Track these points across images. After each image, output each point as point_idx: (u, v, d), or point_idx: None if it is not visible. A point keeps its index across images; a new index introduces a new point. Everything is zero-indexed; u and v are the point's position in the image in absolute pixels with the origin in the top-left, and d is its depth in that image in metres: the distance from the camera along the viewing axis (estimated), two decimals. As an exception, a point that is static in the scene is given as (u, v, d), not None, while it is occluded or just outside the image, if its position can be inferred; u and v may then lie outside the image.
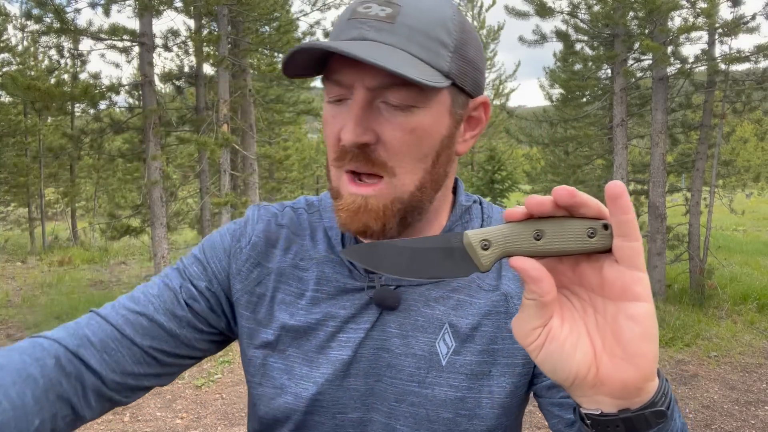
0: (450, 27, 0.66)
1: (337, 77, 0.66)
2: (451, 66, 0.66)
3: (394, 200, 0.67)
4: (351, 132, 0.64)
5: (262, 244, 0.79)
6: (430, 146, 0.67)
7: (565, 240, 0.45)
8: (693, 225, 7.76)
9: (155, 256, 6.81)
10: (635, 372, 0.45)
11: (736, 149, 12.56)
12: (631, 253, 0.44)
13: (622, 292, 0.45)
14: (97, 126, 8.59)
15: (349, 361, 0.73)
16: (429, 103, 0.66)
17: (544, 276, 0.45)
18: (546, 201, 0.45)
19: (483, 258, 0.47)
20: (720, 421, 4.34)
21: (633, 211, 0.43)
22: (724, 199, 10.84)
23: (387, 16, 0.64)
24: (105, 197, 17.34)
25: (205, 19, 8.36)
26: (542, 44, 8.67)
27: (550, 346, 0.47)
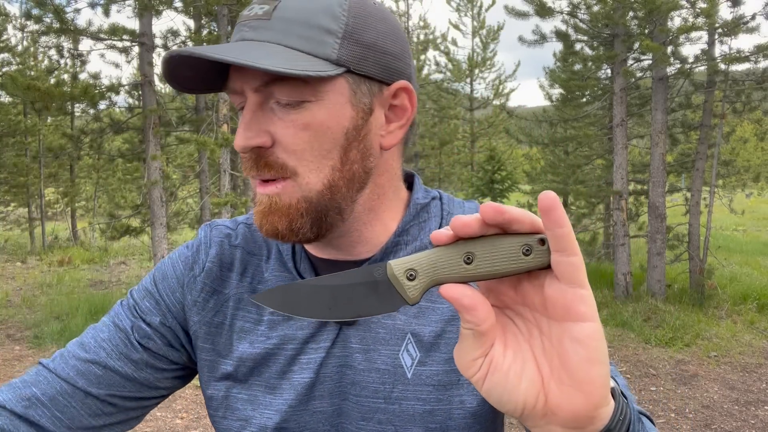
0: (337, 12, 0.62)
1: (230, 85, 0.65)
2: (340, 53, 0.62)
3: (300, 199, 0.64)
4: (241, 136, 0.62)
5: (217, 269, 0.75)
6: (331, 141, 0.63)
7: (499, 261, 0.41)
8: (693, 225, 7.77)
9: (155, 256, 6.82)
10: (584, 400, 0.41)
11: (736, 149, 12.57)
12: (569, 268, 0.40)
13: (565, 311, 0.41)
14: (97, 126, 8.59)
15: (311, 383, 0.69)
16: (321, 96, 0.62)
17: (478, 303, 0.41)
18: (472, 221, 0.41)
19: (410, 290, 0.43)
20: (720, 421, 4.34)
21: (568, 223, 0.39)
22: (724, 199, 10.85)
23: (264, 14, 0.62)
24: (105, 197, 17.34)
25: (205, 19, 8.36)
26: (542, 44, 8.68)
27: (494, 376, 0.43)
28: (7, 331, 6.84)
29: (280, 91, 0.61)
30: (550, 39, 8.65)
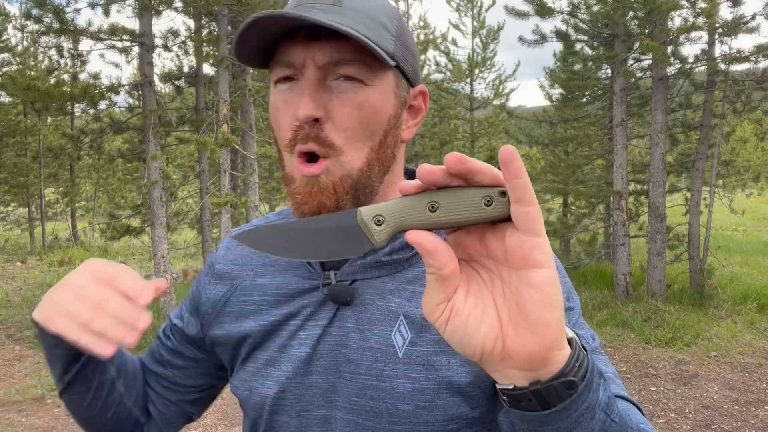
0: (390, 14, 0.71)
1: (286, 58, 0.68)
2: (395, 49, 0.70)
3: (343, 177, 0.69)
4: (305, 106, 0.66)
5: (225, 267, 0.85)
6: (377, 124, 0.70)
7: (461, 210, 0.44)
8: (693, 225, 7.76)
9: (155, 256, 6.81)
10: (539, 341, 0.43)
11: (736, 149, 12.55)
12: (527, 218, 0.42)
13: (522, 259, 0.43)
14: (97, 126, 8.59)
15: (308, 357, 0.74)
16: (376, 81, 0.69)
17: (440, 248, 0.43)
18: (436, 169, 0.43)
19: (376, 234, 0.46)
20: (720, 421, 4.34)
21: (526, 175, 0.41)
22: (724, 199, 10.85)
23: (334, 1, 0.67)
24: (105, 197, 17.33)
25: (205, 19, 8.36)
26: (542, 44, 8.67)
27: (455, 321, 0.45)
28: (7, 331, 6.84)
29: (344, 70, 0.67)
30: (550, 39, 8.64)
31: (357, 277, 0.75)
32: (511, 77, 14.49)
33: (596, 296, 7.78)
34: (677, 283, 8.24)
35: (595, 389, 0.47)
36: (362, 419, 0.72)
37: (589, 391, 0.46)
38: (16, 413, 4.55)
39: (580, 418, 0.46)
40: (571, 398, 0.45)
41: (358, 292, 0.75)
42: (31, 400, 4.81)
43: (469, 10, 13.76)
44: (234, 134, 8.12)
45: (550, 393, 0.45)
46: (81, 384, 0.77)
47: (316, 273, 0.77)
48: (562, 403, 0.45)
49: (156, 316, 6.76)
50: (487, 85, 14.76)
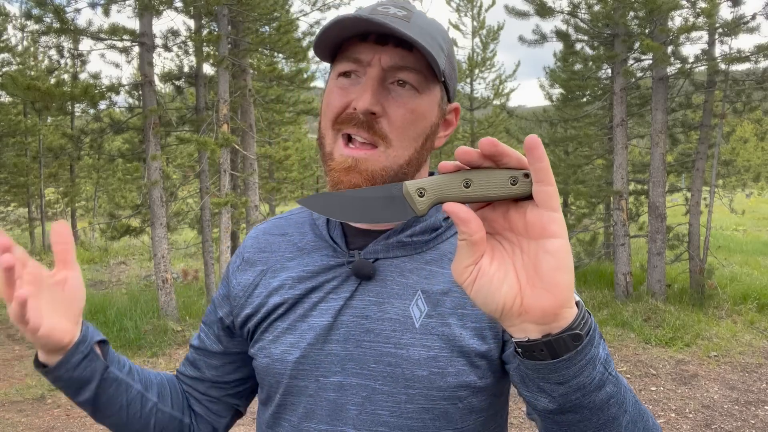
0: (446, 38, 0.81)
1: (355, 55, 0.77)
2: (445, 67, 0.79)
3: (384, 168, 0.77)
4: (366, 101, 0.74)
5: (251, 255, 0.92)
6: (423, 128, 0.80)
7: (491, 187, 0.51)
8: (693, 225, 7.76)
9: (155, 256, 6.81)
10: (552, 299, 0.50)
11: (736, 149, 12.57)
12: (546, 196, 0.49)
13: (541, 230, 0.50)
14: (97, 126, 8.58)
15: (328, 326, 0.80)
16: (428, 92, 0.79)
17: (471, 218, 0.50)
18: (472, 151, 0.51)
19: (419, 204, 0.54)
20: (720, 420, 4.34)
21: (547, 159, 0.48)
22: (724, 199, 10.85)
23: (404, 16, 0.77)
24: (105, 197, 17.33)
25: (205, 19, 8.35)
26: (542, 44, 8.67)
27: (481, 280, 0.52)
28: (7, 331, 6.84)
29: (404, 76, 0.77)
30: (550, 39, 8.64)
31: (380, 256, 0.82)
32: (511, 77, 14.48)
33: (596, 296, 7.78)
34: (677, 283, 8.24)
35: (596, 345, 0.55)
36: (378, 384, 0.78)
37: (592, 346, 0.54)
38: (16, 413, 4.55)
39: (583, 368, 0.54)
40: (576, 349, 0.52)
41: (380, 270, 0.82)
42: (31, 400, 4.81)
43: (468, 10, 13.76)
44: (234, 134, 8.12)
45: (560, 344, 0.52)
46: (111, 406, 0.84)
47: (341, 252, 0.84)
48: (569, 353, 0.52)
49: (156, 316, 6.76)
50: (487, 85, 14.76)
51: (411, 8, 0.79)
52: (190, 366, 0.98)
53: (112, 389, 0.83)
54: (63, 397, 4.84)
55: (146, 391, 0.88)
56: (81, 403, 0.83)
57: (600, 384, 0.55)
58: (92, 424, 4.33)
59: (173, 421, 0.93)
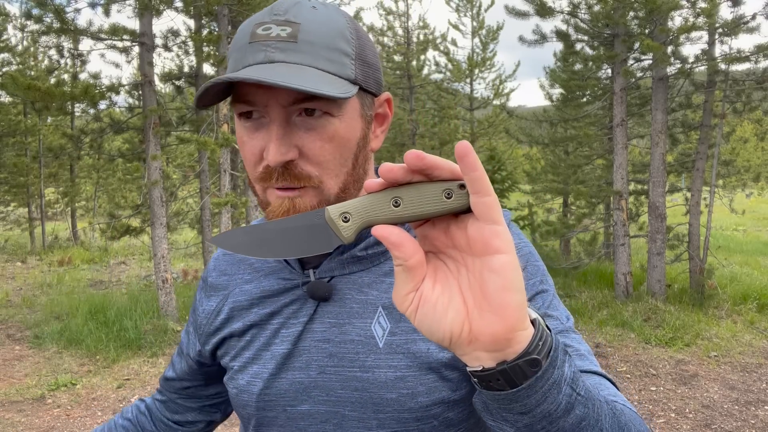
0: (348, 36, 0.70)
1: (250, 98, 0.68)
2: (356, 73, 0.70)
3: (320, 202, 0.71)
4: (275, 152, 0.66)
5: (214, 277, 0.90)
6: (349, 149, 0.71)
7: (423, 203, 0.47)
8: (693, 225, 7.76)
9: (155, 256, 6.81)
10: (502, 323, 0.45)
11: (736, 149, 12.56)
12: (484, 207, 0.44)
13: (484, 246, 0.45)
14: (97, 126, 8.58)
15: (288, 353, 0.77)
16: (342, 111, 0.69)
17: (404, 240, 0.46)
18: (396, 167, 0.46)
19: (344, 230, 0.49)
20: (720, 421, 4.34)
21: (481, 167, 0.43)
22: (724, 199, 10.85)
23: (288, 36, 0.67)
24: (105, 197, 17.32)
25: (205, 19, 8.35)
26: (542, 44, 8.67)
27: (423, 308, 0.48)
28: (7, 331, 6.84)
29: (313, 104, 0.67)
30: (550, 39, 8.64)
31: (335, 274, 0.78)
32: (511, 77, 14.49)
33: (596, 296, 7.78)
34: (677, 283, 8.24)
35: (560, 365, 0.49)
36: (348, 410, 0.74)
37: (554, 368, 0.49)
38: (16, 413, 4.55)
39: (546, 394, 0.48)
40: (536, 375, 0.47)
41: (337, 288, 0.77)
42: (31, 400, 4.81)
43: (468, 10, 13.76)
44: (234, 134, 8.12)
45: (516, 371, 0.47)
46: None
47: (297, 272, 0.80)
48: (528, 380, 0.47)
49: (156, 316, 6.76)
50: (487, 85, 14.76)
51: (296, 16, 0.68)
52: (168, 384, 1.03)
53: None
54: (63, 397, 4.84)
55: None
56: None
57: (568, 408, 0.50)
58: (92, 425, 4.33)
59: None
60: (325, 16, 0.69)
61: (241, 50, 0.69)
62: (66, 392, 4.95)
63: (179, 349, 1.00)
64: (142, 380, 5.23)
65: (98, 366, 5.58)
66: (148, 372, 5.43)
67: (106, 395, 4.88)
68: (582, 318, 7.03)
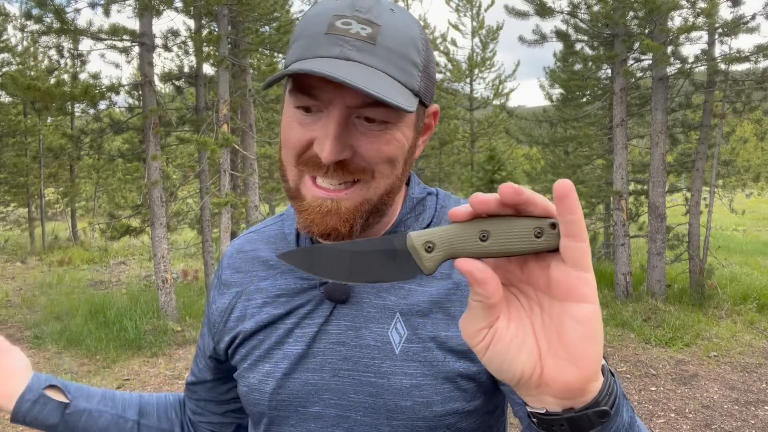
0: (419, 46, 0.69)
1: (316, 93, 0.66)
2: (420, 85, 0.70)
3: (363, 201, 0.70)
4: (330, 151, 0.64)
5: (229, 276, 0.88)
6: (401, 155, 0.71)
7: (512, 240, 0.44)
8: (693, 225, 7.76)
9: (155, 256, 6.81)
10: (578, 374, 0.44)
11: (736, 149, 12.57)
12: (577, 253, 0.42)
13: (568, 292, 0.43)
14: (97, 126, 8.59)
15: (302, 354, 0.76)
16: (401, 120, 0.69)
17: (489, 278, 0.43)
18: (491, 199, 0.43)
19: (426, 261, 0.46)
20: (720, 420, 4.34)
21: (580, 211, 0.41)
22: (724, 199, 10.84)
23: (368, 37, 0.65)
24: (105, 197, 17.32)
25: (205, 19, 8.35)
26: (542, 44, 8.67)
27: (496, 347, 0.45)
28: (7, 331, 6.84)
29: (372, 112, 0.66)
30: (550, 39, 8.64)
31: None
32: (511, 77, 14.50)
33: (596, 296, 7.77)
34: (677, 283, 8.24)
35: (621, 413, 0.49)
36: (360, 416, 0.74)
37: (617, 416, 0.48)
38: (16, 413, 4.55)
39: None
40: (602, 425, 0.46)
41: (354, 291, 0.76)
42: (31, 400, 4.81)
43: (468, 10, 13.76)
44: (234, 134, 8.12)
45: (583, 421, 0.46)
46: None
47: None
48: (593, 429, 0.46)
49: (156, 316, 6.76)
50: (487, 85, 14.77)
51: (378, 17, 0.66)
52: (190, 390, 1.00)
53: (82, 420, 0.89)
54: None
55: (124, 413, 0.93)
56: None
57: None
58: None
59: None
60: (402, 23, 0.68)
61: (313, 38, 0.66)
62: None
63: (197, 351, 0.99)
64: (142, 380, 5.23)
65: (98, 366, 5.58)
66: (148, 372, 5.43)
67: (106, 395, 4.88)
68: (582, 318, 7.03)
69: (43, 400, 0.87)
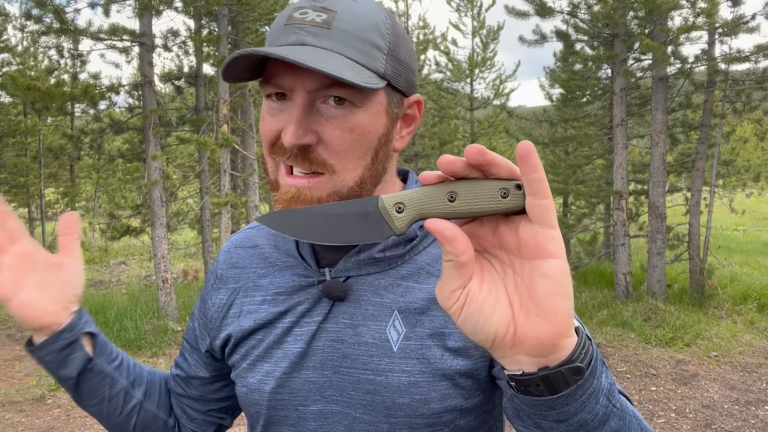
0: (383, 30, 0.70)
1: (276, 81, 0.68)
2: (386, 68, 0.70)
3: (330, 194, 0.70)
4: (292, 134, 0.66)
5: (225, 272, 0.87)
6: (368, 144, 0.70)
7: (479, 200, 0.46)
8: (693, 225, 7.76)
9: (155, 256, 6.81)
10: (549, 328, 0.45)
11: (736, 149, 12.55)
12: (541, 211, 0.44)
13: (536, 250, 0.45)
14: (97, 126, 8.59)
15: (302, 353, 0.76)
16: (366, 104, 0.69)
17: (458, 236, 0.45)
18: (457, 161, 0.45)
19: (397, 221, 0.48)
20: (720, 420, 4.34)
21: (542, 169, 0.43)
22: (724, 199, 10.84)
23: (323, 22, 0.67)
24: (105, 197, 17.32)
25: (205, 19, 8.35)
26: (542, 44, 8.67)
27: (470, 307, 0.47)
28: (7, 331, 6.84)
29: (339, 92, 0.67)
30: (550, 39, 8.64)
31: (351, 274, 0.76)
32: (511, 77, 14.48)
33: (596, 296, 7.78)
34: (677, 283, 8.24)
35: (598, 375, 0.49)
36: (359, 413, 0.74)
37: (594, 378, 0.48)
38: (16, 413, 4.55)
39: (585, 403, 0.48)
40: (577, 384, 0.47)
41: (353, 289, 0.76)
42: (31, 400, 4.81)
43: (469, 10, 13.76)
44: (234, 134, 8.12)
45: (558, 378, 0.47)
46: (92, 397, 0.84)
47: (312, 270, 0.78)
48: (569, 388, 0.47)
49: (156, 316, 6.76)
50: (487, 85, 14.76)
51: (335, 4, 0.68)
52: (173, 383, 0.96)
53: (95, 381, 0.83)
54: (63, 397, 4.84)
55: (132, 388, 0.88)
56: (64, 387, 0.83)
57: (603, 419, 0.50)
58: (92, 425, 4.33)
59: (157, 420, 0.92)
60: (363, 9, 0.69)
61: (276, 32, 0.69)
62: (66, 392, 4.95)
63: (186, 346, 0.95)
64: (142, 380, 5.24)
65: (98, 366, 5.58)
66: (148, 372, 5.44)
67: (106, 395, 4.88)
68: (582, 318, 7.03)
69: (75, 346, 0.79)
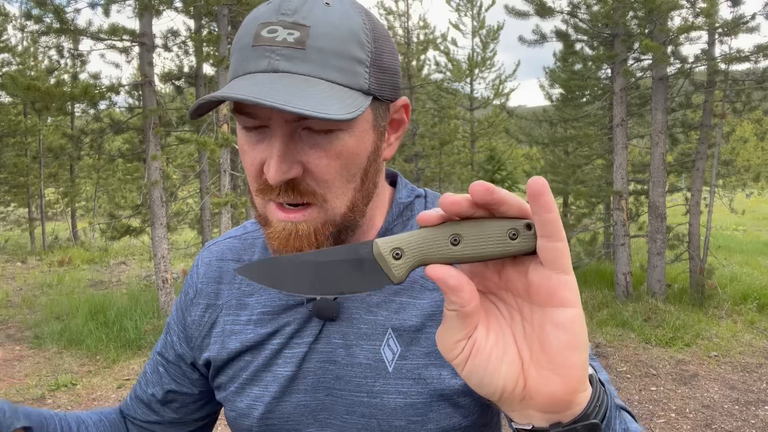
0: (363, 39, 0.63)
1: (253, 111, 0.62)
2: (370, 82, 0.63)
3: (325, 223, 0.65)
4: (276, 170, 0.60)
5: (206, 287, 0.82)
6: (357, 166, 0.65)
7: (485, 243, 0.41)
8: (693, 225, 7.76)
9: (155, 256, 6.81)
10: (563, 384, 0.41)
11: (736, 149, 12.57)
12: (555, 254, 0.39)
13: (548, 297, 0.41)
14: (97, 126, 8.59)
15: (292, 376, 0.72)
16: (352, 124, 0.63)
17: (463, 284, 0.41)
18: (461, 200, 0.41)
19: (395, 269, 0.43)
20: (720, 421, 4.34)
21: (556, 209, 0.39)
22: (724, 199, 10.85)
23: (296, 41, 0.59)
24: (105, 197, 17.33)
25: (205, 19, 8.35)
26: (542, 44, 8.67)
27: (475, 359, 0.42)
28: (7, 331, 6.84)
29: (317, 123, 0.61)
30: (550, 39, 8.64)
31: None
32: (511, 77, 14.49)
33: (596, 296, 7.78)
34: (677, 282, 8.24)
35: (612, 426, 0.46)
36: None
37: (609, 429, 0.45)
38: (16, 413, 4.55)
39: None
40: None
41: (344, 306, 0.72)
42: (31, 400, 4.81)
43: (468, 10, 13.76)
44: (234, 134, 8.12)
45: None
46: None
47: None
48: None
49: (156, 316, 6.76)
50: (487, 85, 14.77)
51: (306, 17, 0.60)
52: (145, 408, 0.88)
53: None
54: (63, 398, 4.84)
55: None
56: None
57: None
58: (92, 424, 4.33)
59: None
60: (338, 17, 0.62)
61: (242, 51, 0.62)
62: (66, 392, 4.95)
63: (159, 360, 0.88)
64: (142, 380, 5.24)
65: (98, 366, 5.58)
66: (148, 372, 5.44)
67: (106, 395, 4.88)
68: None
69: None
